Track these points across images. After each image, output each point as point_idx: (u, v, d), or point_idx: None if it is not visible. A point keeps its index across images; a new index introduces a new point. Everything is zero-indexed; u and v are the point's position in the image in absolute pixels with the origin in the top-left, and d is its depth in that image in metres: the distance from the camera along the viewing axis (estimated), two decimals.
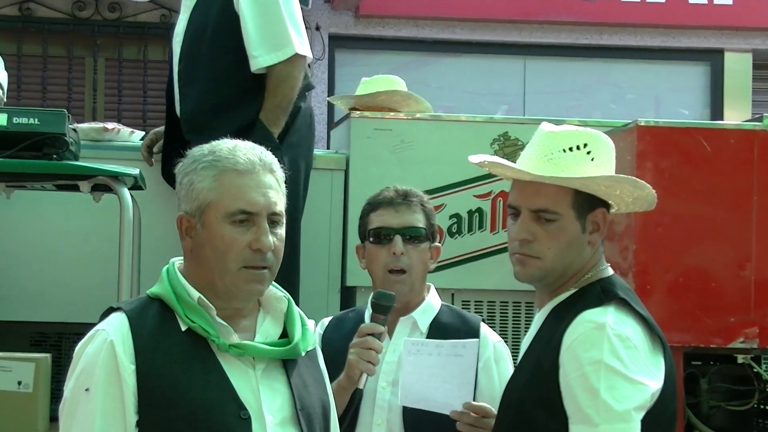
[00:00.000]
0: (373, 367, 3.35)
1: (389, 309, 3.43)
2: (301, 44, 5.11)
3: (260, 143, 4.27)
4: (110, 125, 5.57)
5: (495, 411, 3.29)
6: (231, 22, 5.12)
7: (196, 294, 2.70)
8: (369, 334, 3.37)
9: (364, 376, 3.34)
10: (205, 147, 2.79)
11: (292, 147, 5.04)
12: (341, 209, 5.55)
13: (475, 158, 3.28)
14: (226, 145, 2.78)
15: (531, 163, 3.09)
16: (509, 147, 5.51)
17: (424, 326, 3.60)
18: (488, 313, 5.53)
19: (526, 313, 5.50)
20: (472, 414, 3.31)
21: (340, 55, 11.05)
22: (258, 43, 5.08)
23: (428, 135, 5.57)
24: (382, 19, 10.95)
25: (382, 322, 3.41)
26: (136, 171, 4.70)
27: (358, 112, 5.63)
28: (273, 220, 2.73)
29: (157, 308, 2.72)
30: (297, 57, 5.08)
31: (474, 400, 3.37)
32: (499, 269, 5.35)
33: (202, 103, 5.22)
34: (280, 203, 2.76)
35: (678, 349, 4.60)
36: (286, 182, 2.84)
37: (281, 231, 2.76)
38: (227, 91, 5.17)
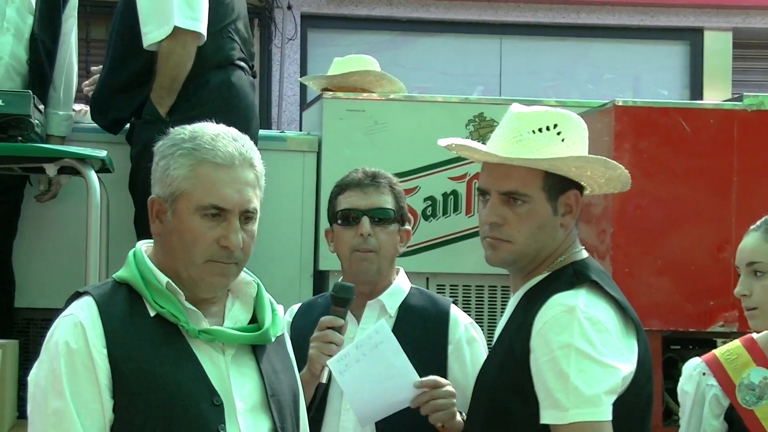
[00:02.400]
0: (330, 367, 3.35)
1: (349, 301, 3.43)
2: (186, 19, 5.01)
3: (150, 121, 4.26)
4: (77, 107, 5.57)
5: (456, 390, 3.31)
6: (131, 1, 5.10)
7: (164, 279, 2.70)
8: (329, 328, 3.38)
9: (326, 370, 3.34)
10: (187, 130, 2.76)
11: (191, 122, 4.98)
12: (314, 192, 5.56)
13: (443, 141, 3.28)
14: (208, 131, 2.75)
15: (500, 144, 3.09)
16: (485, 128, 5.51)
17: (393, 309, 3.61)
18: (464, 297, 5.54)
19: (502, 297, 5.52)
20: (426, 390, 3.29)
21: (312, 35, 11.02)
22: (147, 20, 5.05)
23: (402, 116, 5.57)
24: None
25: (342, 315, 3.41)
26: (103, 153, 4.68)
27: (331, 93, 5.62)
28: (246, 216, 2.72)
29: (125, 293, 2.71)
30: (180, 32, 5.00)
31: (447, 379, 3.38)
32: (475, 253, 5.31)
33: (103, 83, 5.27)
34: (255, 199, 2.74)
35: (656, 333, 4.64)
36: None
37: (253, 227, 2.75)
38: (125, 72, 5.19)
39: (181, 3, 5.00)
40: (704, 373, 3.36)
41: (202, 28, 5.07)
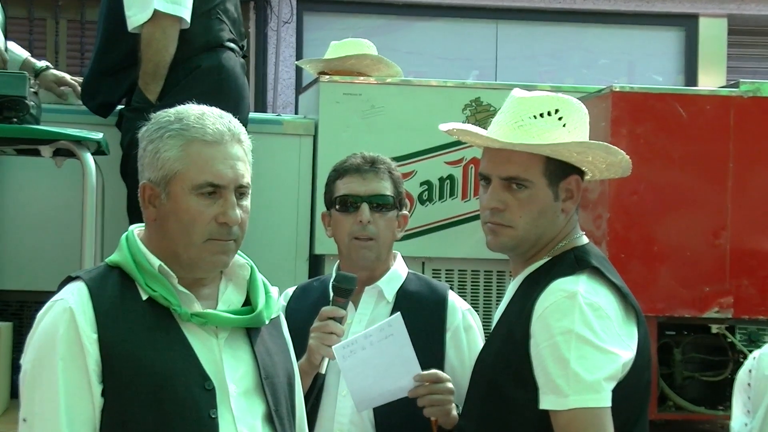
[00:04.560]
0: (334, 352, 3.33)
1: (351, 292, 3.39)
2: (166, 2, 4.98)
3: (138, 108, 4.24)
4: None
5: (453, 377, 3.30)
6: None
7: (156, 262, 2.67)
8: (330, 318, 3.35)
9: (326, 360, 3.32)
10: (171, 113, 2.73)
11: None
12: (310, 176, 5.54)
13: (444, 126, 3.25)
14: (193, 111, 2.72)
15: (501, 130, 3.07)
16: (481, 113, 5.50)
17: (390, 295, 3.57)
18: (459, 282, 5.53)
19: (497, 283, 5.51)
20: (426, 384, 3.28)
21: (308, 19, 10.99)
22: (131, 3, 5.04)
23: (399, 100, 5.56)
24: None
25: (343, 306, 3.37)
26: (99, 135, 4.66)
27: (327, 77, 5.60)
28: (240, 192, 2.70)
29: (117, 277, 2.68)
30: (160, 16, 4.98)
31: (443, 369, 3.37)
32: (471, 237, 5.35)
33: (92, 67, 5.28)
34: (247, 174, 2.72)
35: (651, 318, 4.62)
36: None
37: (247, 203, 2.73)
38: (112, 56, 5.20)
39: None
40: None
41: (185, 12, 5.04)
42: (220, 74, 5.19)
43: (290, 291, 3.75)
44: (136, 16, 5.01)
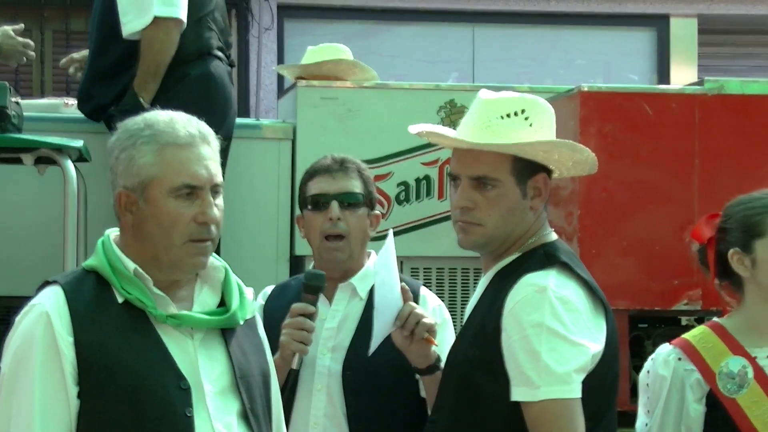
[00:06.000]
0: (306, 347, 3.35)
1: (320, 289, 3.42)
2: (165, 6, 5.02)
3: (128, 110, 4.27)
4: (71, 101, 5.60)
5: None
6: None
7: (131, 265, 2.68)
8: (301, 315, 3.37)
9: (297, 356, 3.34)
10: (139, 120, 2.74)
11: None
12: (289, 178, 5.54)
13: (414, 128, 3.28)
14: (161, 117, 2.73)
15: (469, 131, 3.09)
16: (456, 114, 5.51)
17: (364, 292, 3.58)
18: (437, 279, 5.54)
19: (474, 280, 5.50)
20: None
21: (289, 25, 10.98)
22: (126, 9, 5.06)
23: (375, 103, 5.56)
24: None
25: (313, 302, 3.39)
26: (80, 143, 4.66)
27: (305, 81, 5.61)
28: (215, 191, 2.71)
29: (93, 281, 2.69)
30: (161, 20, 5.01)
31: None
32: (447, 236, 5.30)
33: (86, 73, 5.29)
34: (219, 174, 2.74)
35: (623, 312, 4.64)
36: None
37: (221, 201, 2.74)
38: (105, 61, 5.21)
39: None
40: (680, 359, 3.34)
41: (182, 14, 5.08)
42: (209, 82, 5.22)
43: (269, 290, 3.76)
44: (132, 22, 5.04)
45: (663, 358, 3.38)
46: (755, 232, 3.35)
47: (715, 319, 3.49)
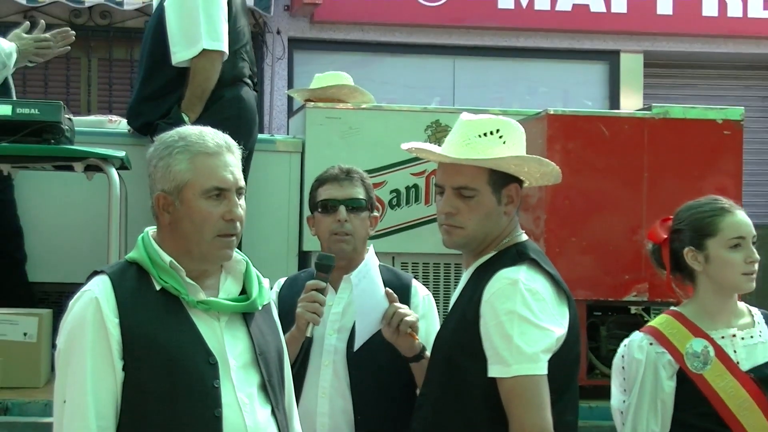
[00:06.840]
0: (318, 317, 3.34)
1: (330, 268, 3.42)
2: (212, 41, 5.05)
3: (173, 123, 4.29)
4: (114, 118, 5.65)
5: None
6: (162, 23, 5.13)
7: (168, 258, 2.68)
8: (313, 290, 3.37)
9: (311, 325, 3.33)
10: (173, 133, 2.75)
11: None
12: (298, 186, 5.53)
13: (405, 145, 3.30)
14: (192, 131, 2.74)
15: (452, 148, 3.10)
16: (440, 132, 5.50)
17: None
18: (423, 272, 5.53)
19: (455, 273, 5.51)
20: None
21: (298, 55, 10.97)
22: (177, 41, 5.08)
23: (372, 122, 5.55)
24: (333, 25, 10.88)
25: (324, 279, 3.40)
26: (122, 154, 4.69)
27: (312, 103, 5.59)
28: (239, 193, 2.72)
29: (135, 271, 2.69)
30: (207, 52, 5.04)
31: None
32: (432, 236, 5.26)
33: (137, 94, 5.29)
34: (242, 179, 2.74)
35: (582, 302, 4.62)
36: None
37: (244, 202, 2.75)
38: (154, 84, 5.21)
39: (207, 27, 5.03)
40: (651, 343, 3.34)
41: (225, 47, 5.11)
42: (240, 104, 5.25)
43: (282, 281, 3.75)
44: (181, 52, 5.06)
45: (637, 344, 3.37)
46: (706, 232, 3.36)
47: (672, 308, 3.48)
